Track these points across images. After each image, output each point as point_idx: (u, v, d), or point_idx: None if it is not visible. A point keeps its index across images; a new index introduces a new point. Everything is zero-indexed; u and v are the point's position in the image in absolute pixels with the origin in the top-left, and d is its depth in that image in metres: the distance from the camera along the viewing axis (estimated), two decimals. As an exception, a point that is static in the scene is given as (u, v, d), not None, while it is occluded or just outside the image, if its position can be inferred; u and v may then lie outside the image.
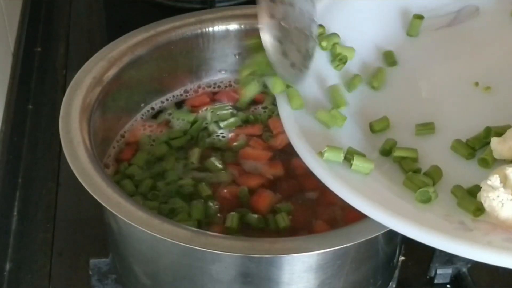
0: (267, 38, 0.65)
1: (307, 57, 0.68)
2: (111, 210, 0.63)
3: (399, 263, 0.78)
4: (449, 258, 0.78)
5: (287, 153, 0.77)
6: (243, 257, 0.63)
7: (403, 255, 0.78)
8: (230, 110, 0.83)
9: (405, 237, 0.73)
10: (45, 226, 0.83)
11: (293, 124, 0.66)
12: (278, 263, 0.64)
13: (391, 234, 0.70)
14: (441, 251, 0.77)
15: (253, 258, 0.63)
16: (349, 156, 0.63)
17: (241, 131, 0.80)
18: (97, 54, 0.78)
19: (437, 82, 0.72)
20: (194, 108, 0.83)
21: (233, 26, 0.84)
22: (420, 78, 0.73)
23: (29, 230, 0.83)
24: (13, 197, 0.87)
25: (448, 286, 0.79)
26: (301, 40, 0.67)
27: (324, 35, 0.73)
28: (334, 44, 0.73)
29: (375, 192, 0.61)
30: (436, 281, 0.79)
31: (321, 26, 0.73)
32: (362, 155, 0.64)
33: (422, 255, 0.79)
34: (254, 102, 0.83)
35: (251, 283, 0.65)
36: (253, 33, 0.83)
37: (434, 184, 0.63)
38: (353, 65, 0.73)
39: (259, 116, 0.82)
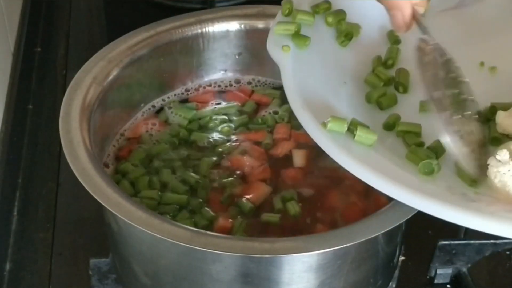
0: (459, 149, 0.63)
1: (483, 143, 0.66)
2: (111, 210, 0.63)
3: (399, 263, 0.78)
4: (449, 258, 0.78)
5: (286, 161, 0.77)
6: (243, 257, 0.63)
7: (403, 255, 0.78)
8: (235, 111, 0.83)
9: (405, 237, 0.74)
10: (45, 226, 0.83)
11: (297, 95, 0.66)
12: (278, 263, 0.64)
13: (391, 234, 0.70)
14: (440, 251, 0.77)
15: (253, 258, 0.63)
16: (353, 127, 0.63)
17: (242, 136, 0.80)
18: (97, 54, 0.78)
19: None
20: (198, 104, 0.83)
21: (233, 26, 0.84)
22: None
23: (29, 230, 0.83)
24: (13, 197, 0.87)
25: (448, 286, 0.79)
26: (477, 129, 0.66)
27: (331, 11, 0.73)
28: (340, 20, 0.73)
29: (378, 163, 0.61)
30: (436, 281, 0.79)
31: (327, 2, 0.73)
32: (365, 126, 0.64)
33: (422, 255, 0.79)
34: (262, 105, 0.84)
35: (251, 283, 0.65)
36: (253, 33, 0.84)
37: (437, 158, 0.63)
38: (358, 44, 0.74)
39: (267, 121, 0.82)
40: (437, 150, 0.64)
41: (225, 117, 0.82)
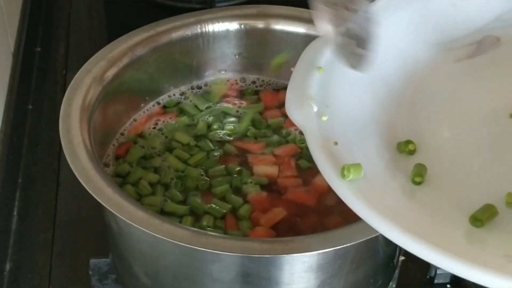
0: (324, 24, 0.61)
1: (367, 36, 0.62)
2: (111, 210, 0.63)
3: (399, 263, 0.78)
4: (449, 258, 0.78)
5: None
6: (243, 257, 0.63)
7: (403, 255, 0.78)
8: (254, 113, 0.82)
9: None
10: (45, 226, 0.83)
11: (329, 165, 0.59)
12: (278, 263, 0.64)
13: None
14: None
15: (253, 258, 0.63)
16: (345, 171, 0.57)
17: (242, 144, 0.80)
18: (97, 54, 0.78)
19: (466, 116, 0.66)
20: (220, 98, 0.84)
21: (233, 26, 0.84)
22: (448, 112, 0.67)
23: (29, 230, 0.83)
24: (13, 197, 0.87)
25: (448, 286, 0.79)
26: (356, 20, 0.62)
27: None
28: None
29: (415, 224, 0.55)
30: (436, 281, 0.79)
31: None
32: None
33: (422, 255, 0.79)
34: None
35: (251, 283, 0.65)
36: (253, 33, 0.84)
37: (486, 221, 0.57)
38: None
39: (293, 138, 0.80)
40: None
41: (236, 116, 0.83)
